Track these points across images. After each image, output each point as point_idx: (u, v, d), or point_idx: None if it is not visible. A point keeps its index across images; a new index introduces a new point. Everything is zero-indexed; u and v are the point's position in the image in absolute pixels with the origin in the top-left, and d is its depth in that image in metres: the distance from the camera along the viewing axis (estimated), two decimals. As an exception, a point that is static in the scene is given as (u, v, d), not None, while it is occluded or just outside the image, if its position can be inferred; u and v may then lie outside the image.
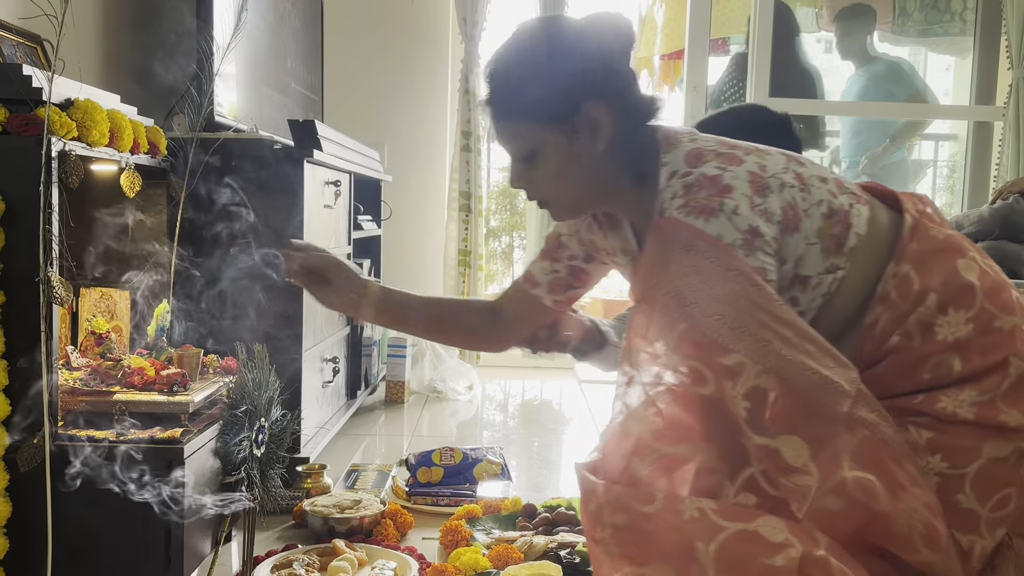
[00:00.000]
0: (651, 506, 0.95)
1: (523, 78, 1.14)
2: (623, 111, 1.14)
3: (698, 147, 1.10)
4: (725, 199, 1.02)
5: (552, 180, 1.17)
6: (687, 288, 0.98)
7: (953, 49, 4.38)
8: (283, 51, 2.74)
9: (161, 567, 1.37)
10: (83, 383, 1.48)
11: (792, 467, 0.93)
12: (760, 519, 0.92)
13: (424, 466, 2.06)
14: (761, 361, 0.94)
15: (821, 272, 1.06)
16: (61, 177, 1.36)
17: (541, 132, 1.14)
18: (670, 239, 1.02)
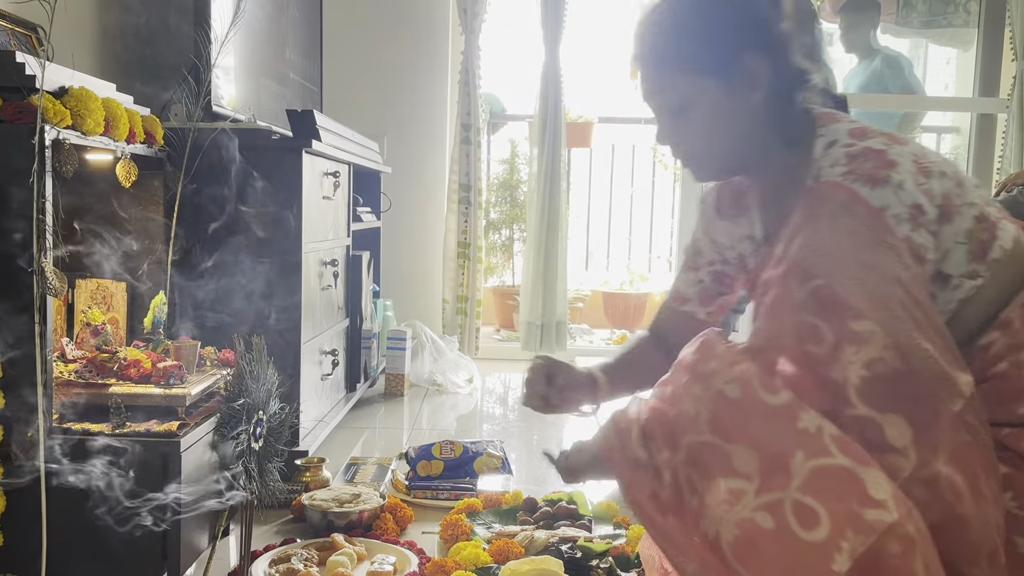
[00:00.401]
0: (773, 397, 0.93)
1: (683, 24, 1.12)
2: (783, 66, 1.11)
3: (861, 126, 1.09)
4: (892, 172, 1.00)
5: (704, 133, 1.14)
6: (835, 246, 0.96)
7: (956, 41, 4.36)
8: (282, 41, 2.72)
9: (158, 562, 1.35)
10: (78, 375, 1.46)
11: (891, 446, 0.91)
12: (871, 468, 0.89)
13: (424, 460, 2.04)
14: (892, 335, 0.92)
15: (963, 274, 1.04)
16: (55, 166, 1.33)
17: (697, 82, 1.11)
18: (826, 200, 0.99)
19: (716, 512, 0.93)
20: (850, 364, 0.92)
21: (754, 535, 0.90)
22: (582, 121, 4.24)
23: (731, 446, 0.94)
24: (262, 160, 2.02)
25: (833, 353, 0.93)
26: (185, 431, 1.39)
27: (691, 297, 1.35)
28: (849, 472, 0.89)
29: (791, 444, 0.90)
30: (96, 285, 1.74)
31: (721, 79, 1.11)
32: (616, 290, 4.64)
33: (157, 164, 1.77)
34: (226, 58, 2.20)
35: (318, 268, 2.23)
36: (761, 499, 0.91)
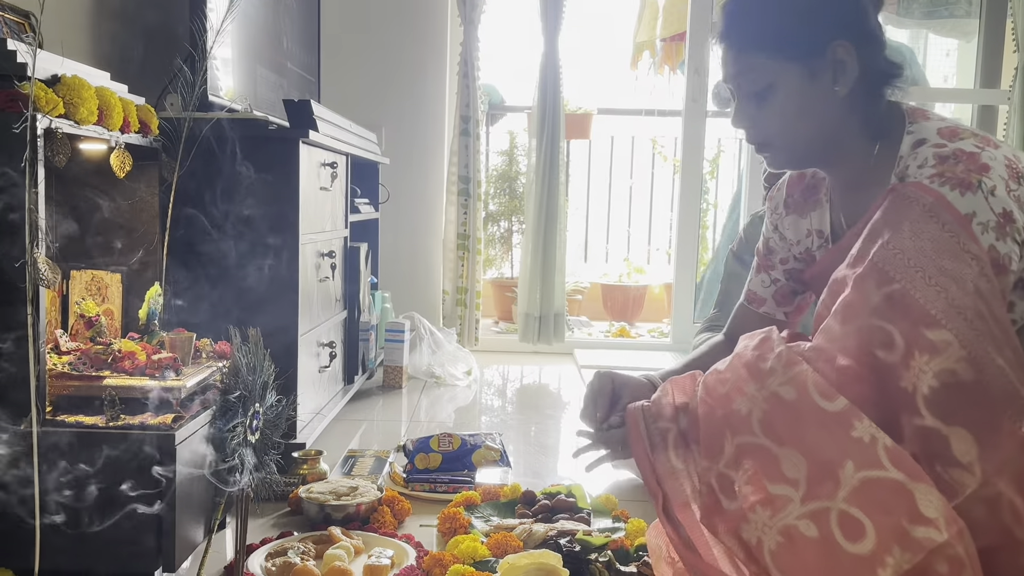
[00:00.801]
0: (829, 403, 0.91)
1: (773, 6, 1.10)
2: (870, 60, 1.09)
3: (952, 125, 1.06)
4: (984, 177, 0.97)
5: (783, 119, 1.12)
6: (917, 251, 0.94)
7: (957, 32, 4.33)
8: (279, 31, 2.69)
9: (152, 556, 1.34)
10: (72, 368, 1.44)
11: (957, 460, 0.89)
12: (924, 485, 0.87)
13: (422, 452, 2.03)
14: (969, 348, 0.90)
15: None
16: (47, 156, 1.32)
17: (782, 66, 1.09)
18: (911, 202, 0.97)
19: (759, 518, 0.91)
20: (921, 373, 0.90)
21: (798, 543, 0.88)
22: (581, 112, 4.22)
23: (781, 449, 0.92)
24: (259, 150, 2.00)
25: (904, 360, 0.91)
26: (180, 424, 1.37)
27: (767, 298, 1.33)
28: (900, 486, 0.87)
29: (842, 452, 0.89)
30: (91, 276, 1.73)
31: (806, 66, 1.09)
32: (615, 282, 4.62)
33: (152, 154, 1.75)
34: (223, 48, 2.18)
35: (315, 259, 2.21)
36: (807, 507, 0.89)
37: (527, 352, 3.78)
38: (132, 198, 1.76)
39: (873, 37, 1.11)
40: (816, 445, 0.90)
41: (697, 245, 3.85)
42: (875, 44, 1.11)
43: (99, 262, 1.74)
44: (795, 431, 0.92)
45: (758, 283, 1.33)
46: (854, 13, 1.09)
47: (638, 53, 4.35)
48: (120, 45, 2.39)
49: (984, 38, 3.70)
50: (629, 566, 1.50)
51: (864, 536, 0.86)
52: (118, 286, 1.75)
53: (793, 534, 0.89)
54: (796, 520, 0.89)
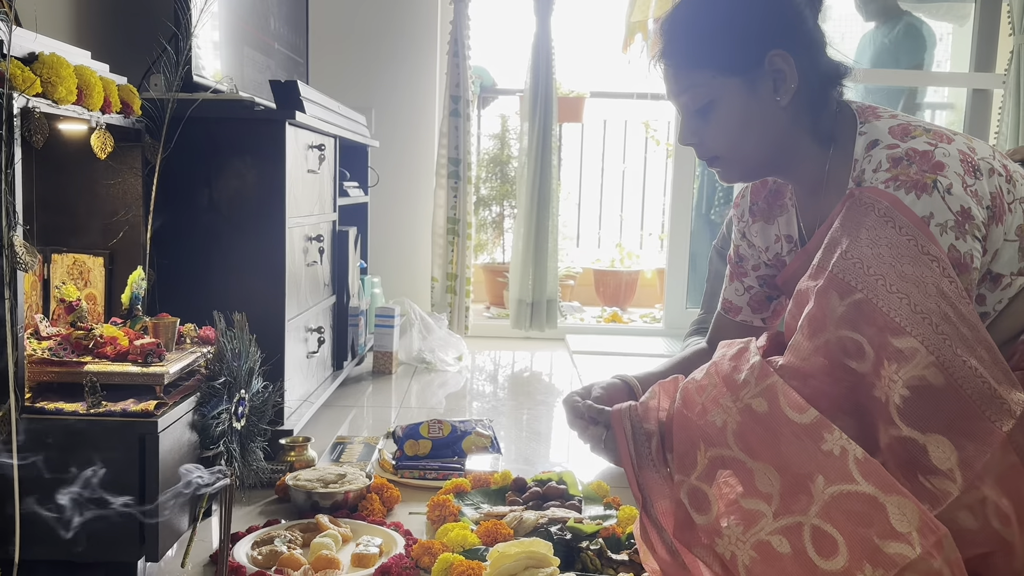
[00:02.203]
0: (800, 415, 0.90)
1: (705, 24, 1.09)
2: (810, 65, 1.08)
3: (904, 122, 1.04)
4: (939, 176, 0.95)
5: (729, 133, 1.11)
6: (875, 258, 0.92)
7: (952, 15, 4.31)
8: (266, 11, 2.65)
9: (135, 545, 1.32)
10: (52, 353, 1.41)
11: (936, 468, 0.87)
12: (897, 497, 0.85)
13: (411, 439, 2.01)
14: (936, 353, 0.88)
15: (1015, 273, 1.00)
16: (24, 136, 1.28)
17: (721, 82, 1.08)
18: (868, 206, 0.95)
19: (733, 532, 0.90)
20: (892, 383, 0.89)
21: (772, 559, 0.87)
22: (574, 96, 4.18)
23: (755, 463, 0.90)
24: (244, 132, 1.96)
25: (875, 370, 0.90)
26: (163, 411, 1.35)
27: (742, 306, 1.31)
28: (872, 500, 0.85)
29: (814, 466, 0.87)
30: (72, 260, 1.69)
31: (745, 78, 1.08)
32: (607, 267, 4.60)
33: (135, 135, 1.71)
34: (208, 27, 2.13)
35: (303, 244, 2.18)
36: (779, 522, 0.87)
37: (518, 337, 3.76)
38: (114, 180, 1.72)
39: (811, 42, 1.09)
40: (789, 459, 0.89)
41: (690, 230, 3.83)
42: (814, 49, 1.09)
43: (81, 245, 1.71)
44: (768, 444, 0.91)
45: (732, 292, 1.32)
46: (788, 21, 1.07)
47: (631, 35, 4.30)
48: (102, 23, 2.34)
49: (979, 21, 3.67)
50: (620, 554, 1.49)
51: (837, 552, 0.85)
52: (100, 270, 1.72)
53: (767, 550, 0.87)
54: (769, 536, 0.88)
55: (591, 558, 1.47)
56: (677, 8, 1.12)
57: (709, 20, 1.09)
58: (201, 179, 1.96)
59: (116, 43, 2.36)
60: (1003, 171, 1.01)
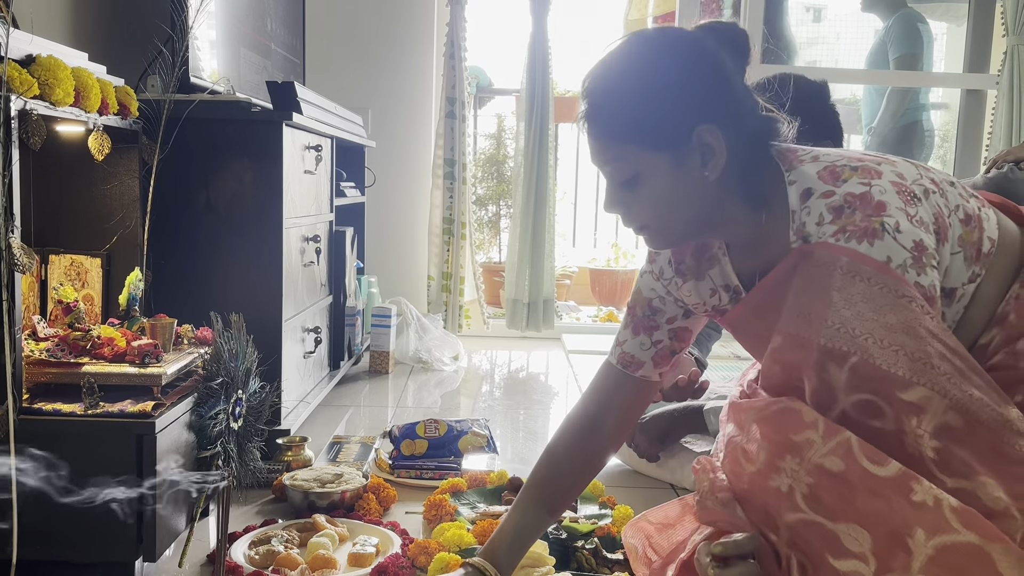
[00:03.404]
0: (881, 469, 0.87)
1: (631, 97, 1.04)
2: (740, 135, 1.04)
3: (828, 163, 1.02)
4: (884, 217, 0.94)
5: (656, 207, 1.07)
6: (857, 318, 0.90)
7: (948, 16, 4.32)
8: (263, 12, 2.65)
9: (133, 545, 1.32)
10: (50, 354, 1.42)
11: (993, 511, 0.85)
12: (1000, 545, 0.83)
13: (408, 438, 2.01)
14: (947, 395, 0.87)
15: (965, 283, 0.99)
16: (22, 138, 1.29)
17: (647, 156, 1.04)
18: (828, 266, 0.93)
19: None
20: (918, 437, 0.87)
21: None
22: (570, 96, 4.19)
23: (837, 525, 0.87)
24: (241, 133, 1.97)
25: (898, 427, 0.88)
26: (160, 411, 1.35)
27: (645, 360, 1.25)
28: (978, 549, 0.83)
29: (907, 520, 0.84)
30: (70, 261, 1.70)
31: (672, 154, 1.04)
32: (603, 267, 4.61)
33: (132, 137, 1.72)
34: (205, 29, 2.14)
35: (300, 244, 2.19)
36: None
37: (515, 337, 3.77)
38: (112, 181, 1.73)
39: (739, 108, 1.05)
40: (875, 515, 0.86)
41: (685, 229, 3.83)
42: (742, 114, 1.05)
43: (78, 246, 1.71)
44: (850, 503, 0.87)
45: (636, 345, 1.25)
46: (715, 92, 1.04)
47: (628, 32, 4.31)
48: (99, 25, 2.35)
49: (973, 21, 3.68)
50: (615, 553, 1.49)
51: None
52: (98, 271, 1.72)
53: None
54: None
55: (586, 557, 1.48)
56: (601, 73, 1.07)
57: (634, 93, 1.04)
58: (198, 180, 1.97)
59: (113, 45, 2.37)
60: (934, 187, 1.00)
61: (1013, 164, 2.71)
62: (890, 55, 3.64)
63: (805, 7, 6.76)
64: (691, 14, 3.40)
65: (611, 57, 1.08)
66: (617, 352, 1.28)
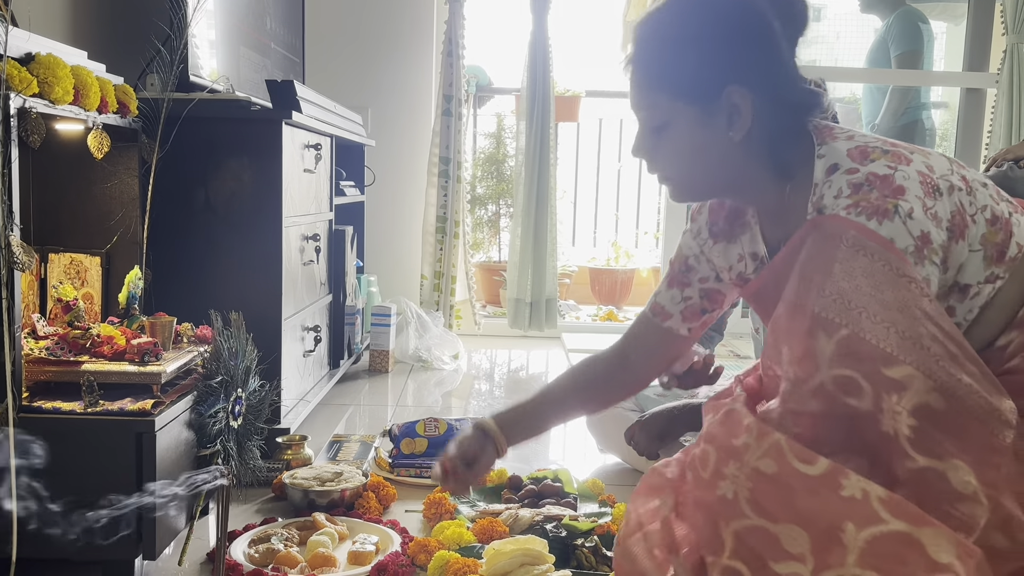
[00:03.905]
0: (811, 467, 0.88)
1: (670, 47, 1.06)
2: (772, 103, 1.05)
3: (861, 143, 1.03)
4: (900, 200, 0.94)
5: (678, 158, 1.10)
6: (854, 291, 0.90)
7: (947, 15, 4.32)
8: (262, 10, 2.65)
9: (133, 543, 1.32)
10: (49, 353, 1.42)
11: (961, 494, 0.86)
12: (930, 528, 0.84)
13: (408, 437, 2.01)
14: (932, 376, 0.87)
15: (982, 281, 0.99)
16: (21, 136, 1.29)
17: (676, 107, 1.06)
18: (835, 237, 0.94)
19: None
20: (896, 414, 0.87)
21: None
22: (569, 95, 4.19)
23: (777, 526, 0.88)
24: (241, 132, 1.97)
25: (876, 404, 0.88)
26: (160, 409, 1.35)
27: (674, 313, 1.28)
28: (907, 536, 0.83)
29: (839, 515, 0.85)
30: (69, 259, 1.70)
31: (701, 109, 1.06)
32: (603, 266, 4.61)
33: (131, 135, 1.72)
34: (204, 27, 2.14)
35: (299, 243, 2.19)
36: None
37: (515, 336, 3.76)
38: (111, 180, 1.73)
39: (780, 77, 1.06)
40: (811, 514, 0.87)
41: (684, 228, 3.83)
42: (782, 84, 1.06)
43: (78, 245, 1.71)
44: (787, 504, 0.88)
45: (668, 298, 1.29)
46: (756, 56, 1.04)
47: (628, 34, 4.31)
48: (99, 23, 2.34)
49: (973, 20, 3.68)
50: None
51: None
52: (97, 269, 1.72)
53: None
54: None
55: (586, 555, 1.48)
56: (650, 19, 1.10)
57: (673, 43, 1.06)
58: (198, 179, 1.97)
59: (113, 43, 2.36)
60: (962, 184, 1.00)
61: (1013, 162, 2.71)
62: (891, 52, 3.64)
63: (805, 6, 6.74)
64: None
65: (664, 4, 1.10)
66: (651, 302, 1.32)
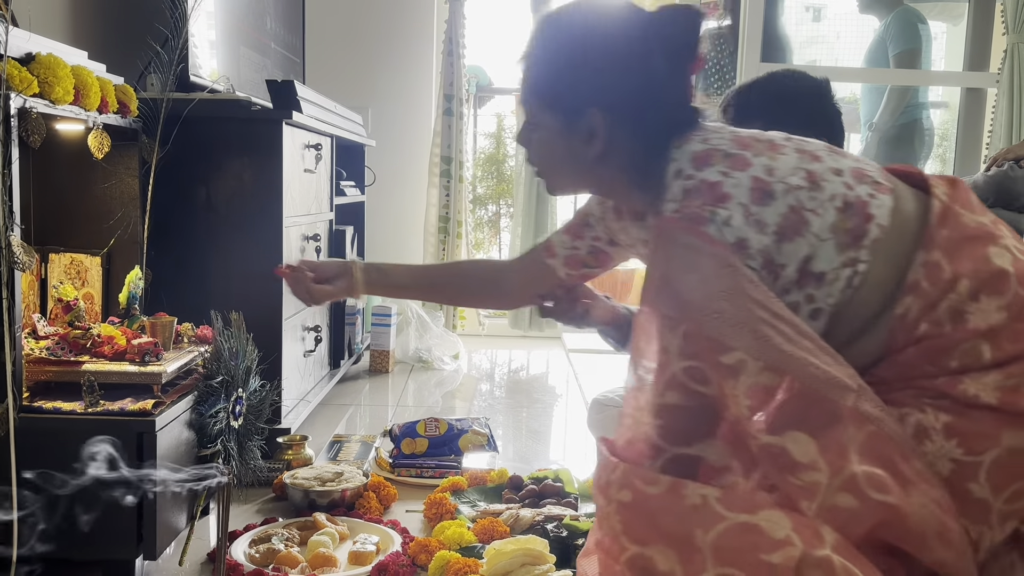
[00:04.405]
0: (655, 487, 0.94)
1: (550, 58, 1.14)
2: (633, 127, 1.11)
3: (707, 148, 1.06)
4: (719, 208, 0.99)
5: (544, 158, 1.19)
6: (686, 287, 0.96)
7: (946, 15, 4.32)
8: (262, 10, 2.65)
9: (133, 543, 1.32)
10: (50, 353, 1.41)
11: (800, 463, 0.91)
12: (764, 512, 0.89)
13: (408, 437, 2.01)
14: (762, 357, 0.92)
15: (837, 267, 1.02)
16: (22, 136, 1.28)
17: (546, 114, 1.14)
18: (669, 238, 1.00)
19: None
20: (735, 398, 0.93)
21: None
22: (570, 95, 4.18)
23: (650, 549, 0.93)
24: (241, 132, 1.97)
25: (720, 391, 0.94)
26: (161, 409, 1.35)
27: (559, 255, 1.39)
28: (745, 525, 0.89)
29: (689, 524, 0.91)
30: (70, 259, 1.70)
31: (566, 122, 1.12)
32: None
33: (132, 135, 1.72)
34: (204, 28, 2.14)
35: (300, 242, 2.19)
36: None
37: (515, 336, 3.76)
38: (111, 180, 1.73)
39: (645, 102, 1.10)
40: (670, 530, 0.92)
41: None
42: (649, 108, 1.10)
43: (78, 245, 1.71)
44: (651, 527, 0.94)
45: (559, 240, 1.39)
46: (620, 82, 1.10)
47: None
48: (99, 23, 2.34)
49: (972, 20, 3.68)
50: (616, 551, 1.49)
51: None
52: (98, 269, 1.72)
53: None
54: None
55: (587, 555, 1.48)
56: (547, 22, 1.16)
57: (552, 55, 1.13)
58: (198, 178, 1.97)
59: (113, 43, 2.36)
60: (804, 182, 1.03)
61: (1013, 162, 2.71)
62: (890, 52, 3.63)
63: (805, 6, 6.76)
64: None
65: (563, 10, 1.15)
66: (548, 238, 1.43)
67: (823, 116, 1.62)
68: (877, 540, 0.91)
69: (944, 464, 0.96)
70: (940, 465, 0.96)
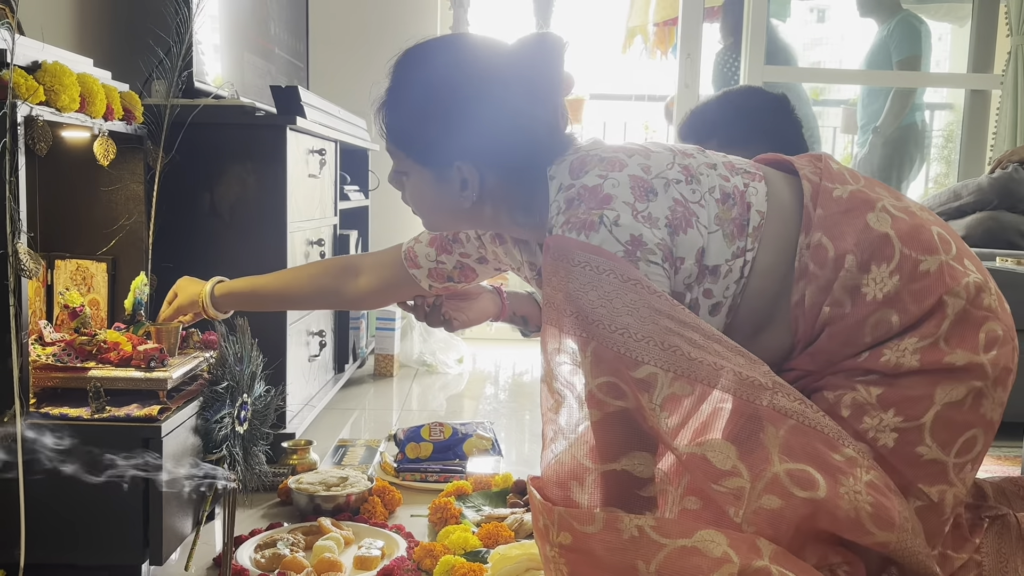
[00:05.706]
0: (592, 526, 0.93)
1: (409, 113, 1.10)
2: (502, 170, 1.10)
3: (581, 156, 1.06)
4: (606, 210, 0.99)
5: (419, 206, 1.18)
6: (588, 306, 0.95)
7: (951, 16, 4.31)
8: (266, 16, 2.66)
9: (139, 548, 1.33)
10: (56, 359, 1.42)
11: (721, 471, 0.91)
12: (699, 532, 0.90)
13: (413, 441, 2.02)
14: (672, 368, 0.92)
15: (729, 258, 1.03)
16: (28, 144, 1.29)
17: (414, 164, 1.12)
18: (562, 256, 0.99)
19: None
20: (652, 411, 0.92)
21: None
22: (573, 98, 4.19)
23: None
24: (245, 137, 1.98)
25: (637, 404, 0.94)
26: (166, 415, 1.36)
27: (423, 266, 1.37)
28: (684, 550, 0.89)
29: (630, 557, 0.91)
30: (76, 266, 1.70)
31: (435, 173, 1.11)
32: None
33: (137, 142, 1.72)
34: (209, 33, 2.15)
35: (304, 247, 2.19)
36: None
37: (517, 340, 3.76)
38: (117, 186, 1.73)
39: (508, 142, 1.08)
40: (613, 566, 0.92)
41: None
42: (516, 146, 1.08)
43: (84, 251, 1.72)
44: (595, 566, 0.93)
45: (424, 252, 1.36)
46: (480, 129, 1.07)
47: (630, 38, 4.32)
48: (104, 31, 2.36)
49: (977, 22, 3.67)
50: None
51: None
52: (104, 275, 1.73)
53: None
54: None
55: (591, 560, 1.48)
56: (403, 70, 1.13)
57: (411, 108, 1.10)
58: (203, 184, 1.97)
59: (118, 50, 2.37)
60: (682, 175, 1.03)
61: (1018, 164, 2.71)
62: (893, 57, 3.64)
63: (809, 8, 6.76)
64: (694, 21, 3.40)
65: (417, 54, 1.13)
66: (410, 244, 1.39)
67: (780, 131, 1.63)
68: (819, 532, 0.92)
69: (888, 436, 0.97)
70: (884, 438, 0.97)
